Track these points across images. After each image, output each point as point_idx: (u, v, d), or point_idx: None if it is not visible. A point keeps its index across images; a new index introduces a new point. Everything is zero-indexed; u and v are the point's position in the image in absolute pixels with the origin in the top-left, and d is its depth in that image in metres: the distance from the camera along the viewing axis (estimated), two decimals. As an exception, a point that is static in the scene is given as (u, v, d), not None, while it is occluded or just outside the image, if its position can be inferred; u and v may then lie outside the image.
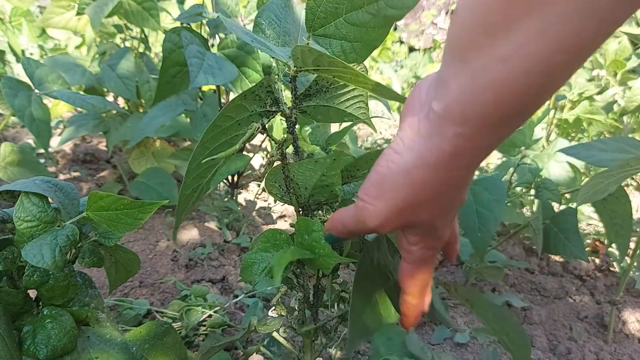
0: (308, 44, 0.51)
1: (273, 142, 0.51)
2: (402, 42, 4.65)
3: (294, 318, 0.59)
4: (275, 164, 0.53)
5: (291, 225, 0.52)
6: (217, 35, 1.30)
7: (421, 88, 0.37)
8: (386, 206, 0.37)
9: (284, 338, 0.67)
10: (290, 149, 0.53)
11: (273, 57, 0.49)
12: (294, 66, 0.47)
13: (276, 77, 0.53)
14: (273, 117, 0.52)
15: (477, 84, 0.30)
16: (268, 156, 0.52)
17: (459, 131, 0.32)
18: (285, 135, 0.51)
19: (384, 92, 0.45)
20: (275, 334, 0.66)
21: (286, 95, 0.52)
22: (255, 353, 0.92)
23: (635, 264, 1.06)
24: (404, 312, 0.46)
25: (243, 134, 0.50)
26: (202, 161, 0.50)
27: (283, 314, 0.59)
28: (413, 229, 0.40)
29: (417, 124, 0.35)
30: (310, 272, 0.57)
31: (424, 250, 0.41)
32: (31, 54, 2.52)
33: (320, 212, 0.55)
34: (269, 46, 0.49)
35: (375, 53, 3.22)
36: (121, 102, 2.02)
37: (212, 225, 1.48)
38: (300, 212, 0.56)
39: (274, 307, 0.59)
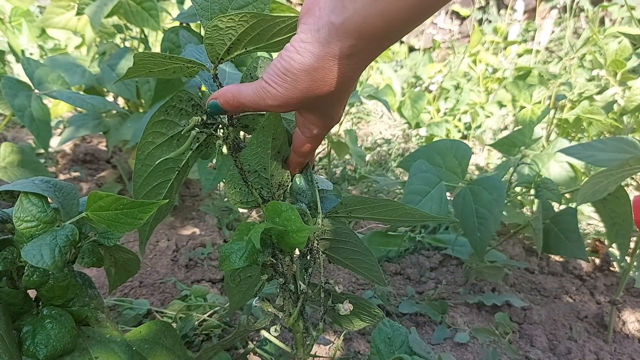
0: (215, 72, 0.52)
1: (216, 138, 0.54)
2: (402, 42, 4.65)
3: (281, 313, 0.60)
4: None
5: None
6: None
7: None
8: (287, 92, 0.44)
9: (279, 336, 0.68)
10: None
11: (196, 63, 0.50)
12: (211, 62, 0.49)
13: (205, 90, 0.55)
14: (214, 128, 0.53)
15: (370, 11, 0.38)
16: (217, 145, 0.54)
17: (353, 43, 0.40)
18: (228, 130, 0.53)
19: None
20: (264, 333, 0.67)
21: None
22: (253, 354, 0.92)
23: (635, 263, 1.06)
24: (292, 166, 0.57)
25: (189, 150, 0.52)
26: (157, 161, 0.52)
27: (269, 310, 0.59)
28: (311, 112, 0.49)
29: (316, 31, 0.41)
30: (287, 261, 0.58)
31: (320, 129, 0.51)
32: (31, 54, 2.52)
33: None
34: (192, 51, 0.51)
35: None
36: (121, 102, 2.02)
37: (212, 225, 1.48)
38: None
39: (257, 298, 0.60)
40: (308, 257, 0.59)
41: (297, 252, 0.58)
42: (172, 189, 0.56)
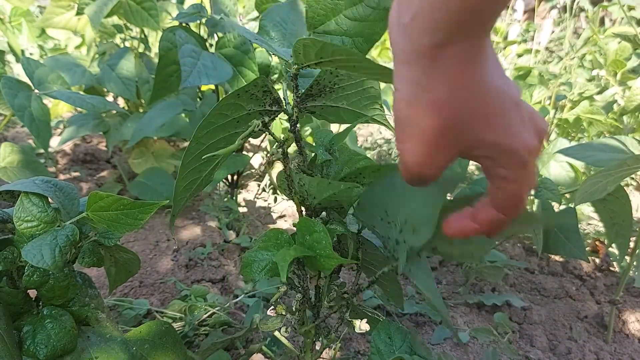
0: None
1: (274, 140, 0.52)
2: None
3: (294, 318, 0.59)
4: (277, 164, 0.53)
5: (294, 225, 0.53)
6: (215, 35, 1.30)
7: (394, 6, 0.35)
8: (415, 145, 0.34)
9: (285, 338, 0.68)
10: (292, 149, 0.53)
11: (276, 56, 0.49)
12: (295, 63, 0.48)
13: (280, 77, 0.54)
14: (275, 116, 0.52)
15: None
16: (268, 155, 0.53)
17: (433, 40, 0.31)
18: (287, 135, 0.52)
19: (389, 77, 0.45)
20: (276, 333, 0.66)
21: (291, 95, 0.53)
22: (256, 352, 0.92)
23: (635, 263, 1.06)
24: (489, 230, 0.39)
25: (242, 132, 0.50)
26: (202, 157, 0.51)
27: (283, 313, 0.59)
28: (478, 155, 0.36)
29: (400, 49, 0.33)
30: (311, 273, 0.57)
31: (506, 165, 0.35)
32: (31, 54, 2.52)
33: (324, 213, 0.55)
34: (271, 45, 0.49)
35: (375, 53, 3.22)
36: (121, 102, 2.02)
37: (212, 225, 1.48)
38: (304, 212, 0.56)
39: (273, 307, 0.59)
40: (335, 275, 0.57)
41: None
42: (215, 167, 0.55)
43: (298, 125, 0.53)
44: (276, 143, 0.52)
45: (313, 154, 0.55)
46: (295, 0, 0.56)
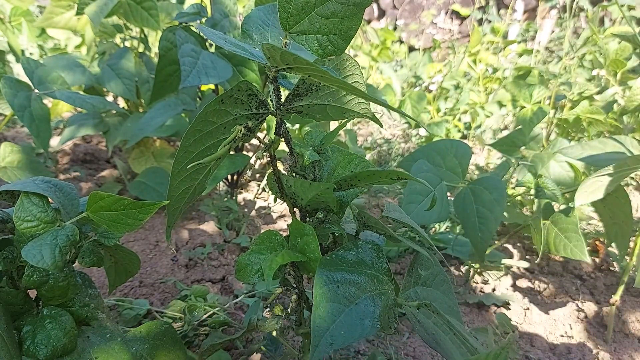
0: (285, 43, 0.51)
1: (260, 143, 0.52)
2: (402, 42, 4.65)
3: (291, 319, 0.59)
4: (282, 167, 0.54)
5: (287, 226, 0.53)
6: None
7: None
8: None
9: (285, 338, 0.68)
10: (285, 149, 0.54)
11: (254, 60, 0.49)
12: (271, 66, 0.48)
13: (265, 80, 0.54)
14: (263, 119, 0.52)
15: None
16: (255, 156, 0.53)
17: None
18: (272, 137, 0.52)
19: (351, 91, 0.45)
20: (275, 334, 0.66)
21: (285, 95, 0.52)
22: (256, 352, 0.92)
23: (635, 263, 1.06)
24: None
25: (227, 149, 0.51)
26: (188, 166, 0.50)
27: (279, 314, 0.59)
28: None
29: None
30: (305, 279, 0.57)
31: None
32: (31, 54, 2.52)
33: (320, 214, 0.55)
34: (247, 49, 0.49)
35: (375, 53, 3.22)
36: (121, 102, 2.02)
37: (212, 225, 1.48)
38: (297, 213, 0.56)
39: (268, 308, 0.59)
40: None
41: None
42: (209, 174, 0.55)
43: (288, 126, 0.53)
44: (263, 147, 0.52)
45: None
46: (276, 4, 0.56)
